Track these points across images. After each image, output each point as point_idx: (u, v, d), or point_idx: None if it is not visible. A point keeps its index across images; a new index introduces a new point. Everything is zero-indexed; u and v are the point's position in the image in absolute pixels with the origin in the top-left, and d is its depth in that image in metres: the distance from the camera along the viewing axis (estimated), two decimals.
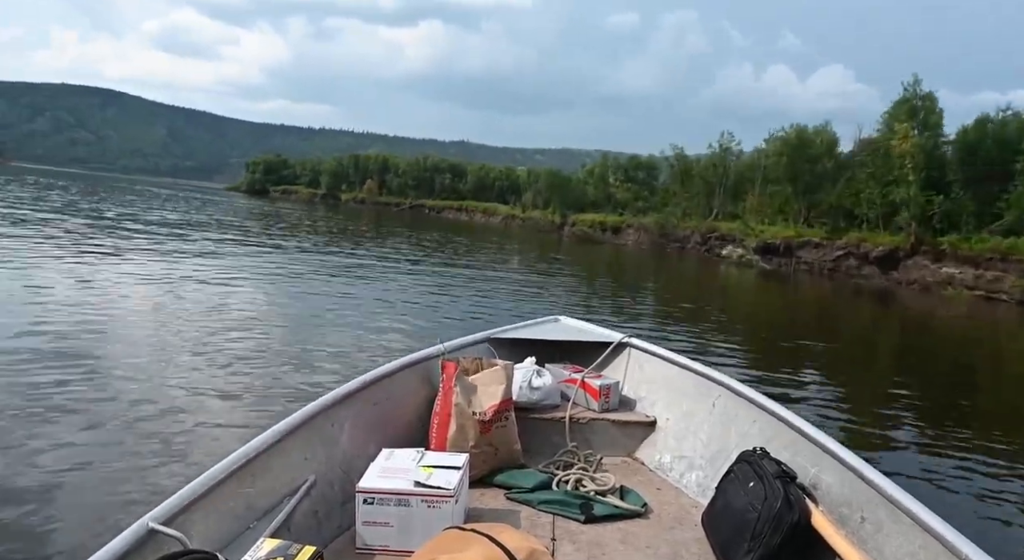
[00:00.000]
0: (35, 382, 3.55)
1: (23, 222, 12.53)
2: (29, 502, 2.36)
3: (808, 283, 20.61)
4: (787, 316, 12.22)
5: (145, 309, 5.89)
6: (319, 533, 1.43)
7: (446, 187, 66.82)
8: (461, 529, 1.24)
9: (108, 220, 15.94)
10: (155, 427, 3.14)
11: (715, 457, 1.78)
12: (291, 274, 9.41)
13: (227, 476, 1.25)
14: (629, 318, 8.24)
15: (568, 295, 10.61)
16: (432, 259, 14.23)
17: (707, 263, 25.96)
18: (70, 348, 4.30)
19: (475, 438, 1.73)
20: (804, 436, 1.58)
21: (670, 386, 2.10)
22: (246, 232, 17.16)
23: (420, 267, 12.22)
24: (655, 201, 39.42)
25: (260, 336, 5.31)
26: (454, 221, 50.22)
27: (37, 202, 19.55)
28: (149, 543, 1.02)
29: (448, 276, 11.07)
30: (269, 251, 12.80)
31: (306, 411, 1.54)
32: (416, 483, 1.43)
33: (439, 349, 2.03)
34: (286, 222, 25.52)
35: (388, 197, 72.14)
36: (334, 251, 14.35)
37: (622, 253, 28.35)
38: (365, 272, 10.61)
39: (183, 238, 13.38)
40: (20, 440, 2.83)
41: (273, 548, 1.06)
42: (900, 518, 1.29)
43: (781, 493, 1.42)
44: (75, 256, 8.63)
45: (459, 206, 61.14)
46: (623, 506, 1.63)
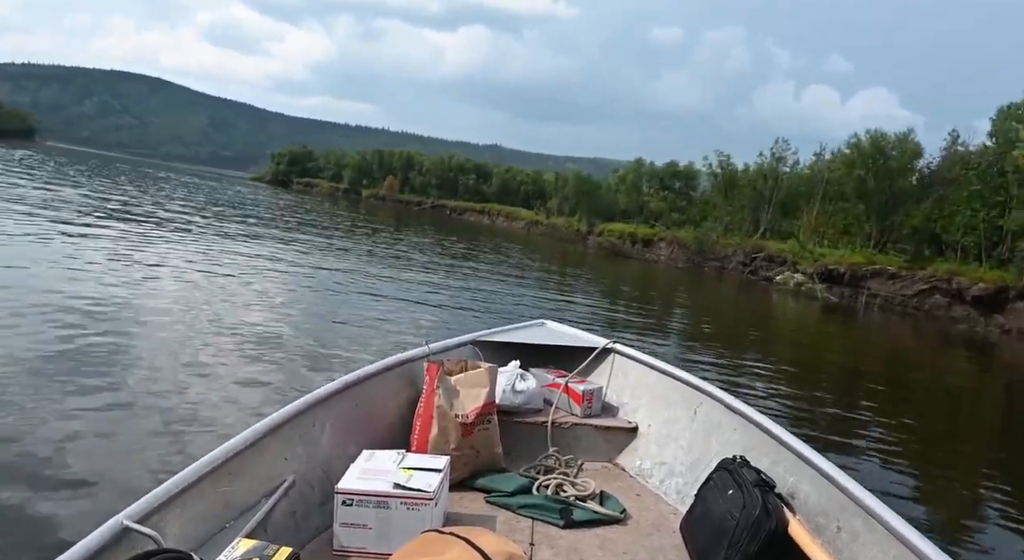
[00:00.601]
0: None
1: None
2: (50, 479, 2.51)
3: (882, 323, 17.96)
4: (857, 366, 10.04)
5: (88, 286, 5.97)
6: (296, 534, 1.45)
7: (469, 188, 67.85)
8: (440, 532, 1.27)
9: (96, 200, 16.36)
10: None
11: (695, 464, 1.84)
12: (279, 268, 9.46)
13: (204, 475, 1.24)
14: (673, 358, 6.81)
15: (590, 323, 8.94)
16: (441, 268, 13.30)
17: (753, 288, 23.93)
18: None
19: (457, 440, 1.77)
20: (784, 445, 1.63)
21: (653, 392, 2.14)
22: (244, 221, 17.67)
23: (423, 276, 11.43)
24: (693, 213, 34.73)
25: (256, 326, 5.54)
26: (474, 224, 50.06)
27: (40, 180, 20.13)
28: (123, 541, 1.04)
29: (452, 290, 10.19)
30: (261, 242, 12.83)
31: (287, 410, 1.55)
32: (396, 485, 1.47)
33: (423, 350, 2.05)
34: (294, 214, 25.22)
35: (410, 195, 73.15)
36: (331, 247, 14.12)
37: (654, 271, 26.46)
38: (355, 275, 10.17)
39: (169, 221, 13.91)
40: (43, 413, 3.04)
41: (249, 549, 1.07)
42: (875, 528, 1.34)
43: (759, 501, 1.47)
44: (42, 230, 9.06)
45: (481, 209, 60.90)
46: (602, 512, 1.68)
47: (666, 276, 23.67)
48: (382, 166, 76.62)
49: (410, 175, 73.22)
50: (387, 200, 70.27)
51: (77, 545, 0.98)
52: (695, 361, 7.16)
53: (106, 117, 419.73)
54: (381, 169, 76.33)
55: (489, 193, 65.23)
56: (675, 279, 22.74)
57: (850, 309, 19.98)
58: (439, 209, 64.00)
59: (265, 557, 1.05)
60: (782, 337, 11.80)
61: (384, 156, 77.88)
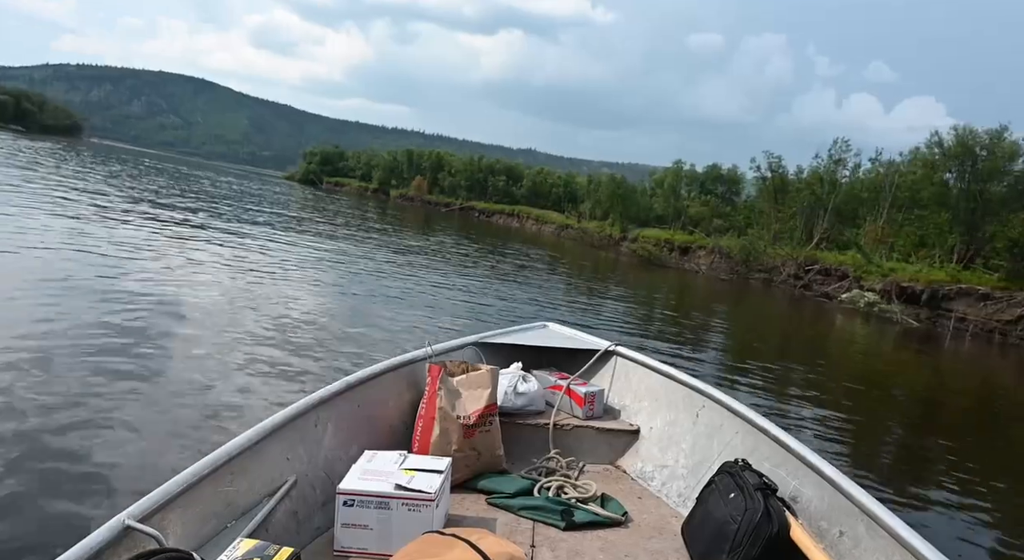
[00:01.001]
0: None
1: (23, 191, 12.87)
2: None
3: (974, 353, 15.18)
4: (945, 407, 8.13)
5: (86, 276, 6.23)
6: (297, 534, 1.51)
7: (499, 190, 67.09)
8: (441, 533, 1.31)
9: (119, 194, 16.71)
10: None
11: (697, 467, 1.89)
12: (300, 264, 9.66)
13: (206, 475, 1.27)
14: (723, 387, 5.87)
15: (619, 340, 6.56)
16: (460, 272, 12.58)
17: (809, 305, 21.21)
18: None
19: (458, 442, 1.84)
20: (786, 449, 1.67)
21: (655, 395, 2.20)
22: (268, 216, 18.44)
23: (438, 279, 10.73)
24: (737, 220, 31.46)
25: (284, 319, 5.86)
26: (503, 227, 49.89)
27: (75, 175, 20.54)
28: (124, 540, 1.07)
29: (468, 296, 9.51)
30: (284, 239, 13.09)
31: (289, 411, 1.61)
32: (397, 486, 1.52)
33: (426, 352, 2.12)
34: (319, 213, 25.00)
35: (439, 196, 72.51)
36: (352, 248, 13.66)
37: (693, 282, 24.45)
38: (370, 275, 9.90)
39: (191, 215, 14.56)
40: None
41: (250, 549, 1.09)
42: (878, 533, 1.38)
43: (761, 505, 1.51)
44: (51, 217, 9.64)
45: (511, 211, 59.80)
46: (603, 514, 1.73)
47: (707, 288, 22.04)
48: (411, 166, 75.18)
49: (439, 176, 71.55)
50: (415, 201, 71.29)
51: (79, 544, 1.01)
52: (751, 393, 6.35)
53: (153, 117, 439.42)
54: (411, 169, 74.98)
55: (519, 195, 63.65)
56: (718, 292, 21.05)
57: (933, 336, 16.81)
58: (467, 211, 63.88)
59: (266, 557, 1.07)
60: (852, 367, 10.29)
61: (414, 156, 76.43)
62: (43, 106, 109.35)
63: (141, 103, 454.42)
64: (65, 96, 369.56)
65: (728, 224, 34.66)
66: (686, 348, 8.37)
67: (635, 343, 7.96)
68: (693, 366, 7.26)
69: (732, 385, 6.56)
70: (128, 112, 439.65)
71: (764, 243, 28.62)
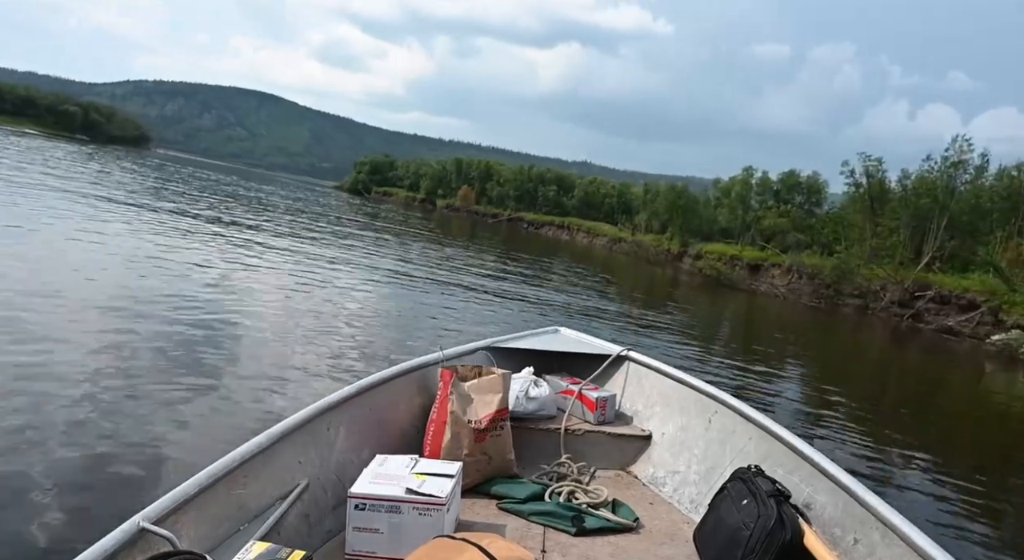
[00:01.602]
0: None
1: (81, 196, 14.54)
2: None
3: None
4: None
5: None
6: (309, 538, 1.59)
7: (549, 200, 66.26)
8: (451, 538, 1.37)
9: (167, 197, 19.16)
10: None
11: (709, 473, 1.96)
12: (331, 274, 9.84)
13: (220, 478, 1.34)
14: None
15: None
16: (500, 289, 11.59)
17: (924, 343, 16.23)
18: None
19: (469, 446, 1.93)
20: (799, 455, 1.73)
21: (667, 400, 2.26)
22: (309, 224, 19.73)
23: (474, 298, 10.14)
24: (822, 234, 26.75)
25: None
26: (552, 240, 48.24)
27: (123, 182, 22.16)
28: (139, 542, 1.11)
29: (505, 316, 9.10)
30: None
31: (302, 414, 1.70)
32: (408, 490, 1.60)
33: (437, 356, 2.23)
34: (359, 221, 24.91)
35: (486, 206, 72.08)
36: (392, 262, 13.19)
37: (770, 306, 20.85)
38: (407, 291, 9.70)
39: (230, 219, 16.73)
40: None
41: (262, 552, 1.13)
42: (893, 541, 1.42)
43: (774, 512, 1.54)
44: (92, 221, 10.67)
45: (560, 223, 58.09)
46: (614, 520, 1.80)
47: (790, 316, 19.02)
48: (460, 176, 73.02)
49: (487, 186, 68.82)
50: (461, 211, 73.07)
51: (94, 545, 1.05)
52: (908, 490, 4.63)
53: (221, 130, 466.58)
54: (459, 179, 72.87)
55: (570, 206, 61.22)
56: (804, 321, 17.94)
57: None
58: (515, 222, 64.13)
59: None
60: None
61: (462, 165, 74.51)
62: (111, 117, 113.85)
63: (211, 116, 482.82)
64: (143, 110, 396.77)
65: (810, 239, 29.93)
66: (786, 406, 6.57)
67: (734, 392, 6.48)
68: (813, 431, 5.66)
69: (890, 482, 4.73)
70: (199, 125, 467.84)
71: (859, 262, 23.89)
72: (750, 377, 7.62)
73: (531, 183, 68.93)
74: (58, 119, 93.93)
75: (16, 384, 3.35)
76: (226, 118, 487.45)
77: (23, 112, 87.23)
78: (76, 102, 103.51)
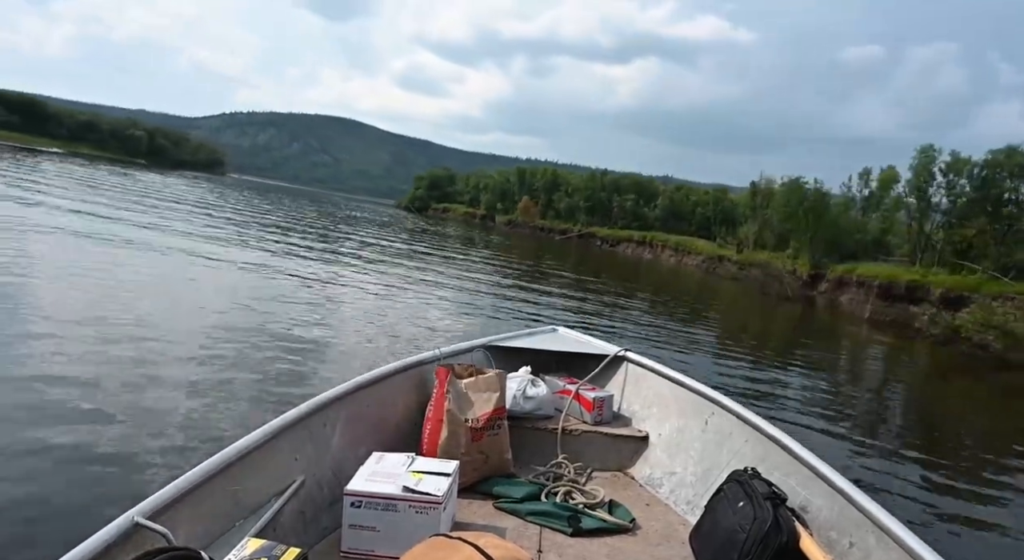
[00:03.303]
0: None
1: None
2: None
3: None
4: None
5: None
6: (305, 534, 1.56)
7: (627, 212, 49.25)
8: (447, 536, 1.32)
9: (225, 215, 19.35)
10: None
11: (706, 475, 1.93)
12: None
13: (215, 473, 1.31)
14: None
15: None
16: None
17: None
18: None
19: (466, 445, 1.88)
20: (796, 458, 1.71)
21: (664, 401, 2.23)
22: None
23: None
24: None
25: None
26: (632, 259, 38.43)
27: (184, 202, 22.23)
28: (133, 537, 1.10)
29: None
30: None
31: (299, 411, 1.66)
32: (405, 488, 1.56)
33: (435, 354, 2.18)
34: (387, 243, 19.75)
35: (553, 221, 61.77)
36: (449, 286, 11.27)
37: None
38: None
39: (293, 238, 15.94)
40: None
41: (257, 548, 1.10)
42: (888, 545, 1.40)
43: (770, 514, 1.51)
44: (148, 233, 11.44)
45: (641, 238, 47.84)
46: (611, 520, 1.77)
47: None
48: (523, 188, 63.92)
49: (554, 197, 59.31)
50: (524, 227, 58.96)
51: (89, 540, 1.03)
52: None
53: (307, 156, 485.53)
54: (523, 191, 63.66)
55: (652, 218, 50.13)
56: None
57: None
58: (587, 239, 53.74)
59: (273, 557, 1.08)
60: None
61: (526, 176, 65.01)
62: (180, 143, 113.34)
63: (299, 144, 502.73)
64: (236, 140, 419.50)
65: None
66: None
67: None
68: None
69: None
70: (287, 153, 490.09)
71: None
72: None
73: (604, 192, 59.06)
74: (123, 144, 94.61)
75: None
76: (311, 145, 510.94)
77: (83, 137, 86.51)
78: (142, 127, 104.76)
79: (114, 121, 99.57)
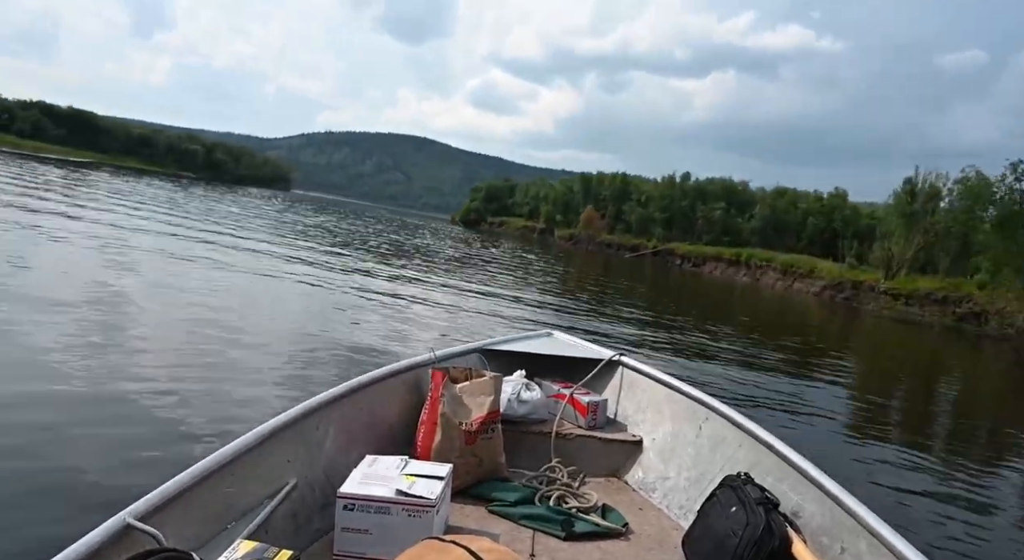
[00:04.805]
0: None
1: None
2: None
3: None
4: None
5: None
6: (297, 537, 1.55)
7: (715, 223, 39.10)
8: (440, 540, 1.32)
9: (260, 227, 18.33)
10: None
11: (699, 480, 1.93)
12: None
13: (207, 475, 1.30)
14: None
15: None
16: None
17: None
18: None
19: (460, 448, 1.87)
20: (789, 463, 1.70)
21: (658, 406, 2.23)
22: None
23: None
24: None
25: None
26: (722, 284, 28.96)
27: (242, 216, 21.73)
28: (124, 539, 1.09)
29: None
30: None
31: (292, 413, 1.65)
32: (398, 491, 1.56)
33: (429, 357, 2.16)
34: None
35: (622, 236, 51.08)
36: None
37: None
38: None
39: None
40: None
41: (249, 551, 1.10)
42: (880, 551, 1.40)
43: (763, 520, 1.52)
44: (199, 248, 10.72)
45: (735, 257, 37.54)
46: (604, 525, 1.77)
47: None
48: (588, 198, 55.05)
49: (624, 207, 50.21)
50: (586, 242, 52.68)
51: (79, 541, 1.03)
52: None
53: (380, 174, 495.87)
54: (587, 201, 54.79)
55: (747, 230, 39.48)
56: None
57: None
58: (664, 257, 43.67)
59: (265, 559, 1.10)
60: None
61: (591, 184, 56.06)
62: (241, 158, 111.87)
63: (372, 162, 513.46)
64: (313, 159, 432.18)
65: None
66: None
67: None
68: None
69: None
70: (361, 170, 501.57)
71: None
72: None
73: (686, 201, 49.32)
74: (179, 158, 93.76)
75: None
76: (384, 163, 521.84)
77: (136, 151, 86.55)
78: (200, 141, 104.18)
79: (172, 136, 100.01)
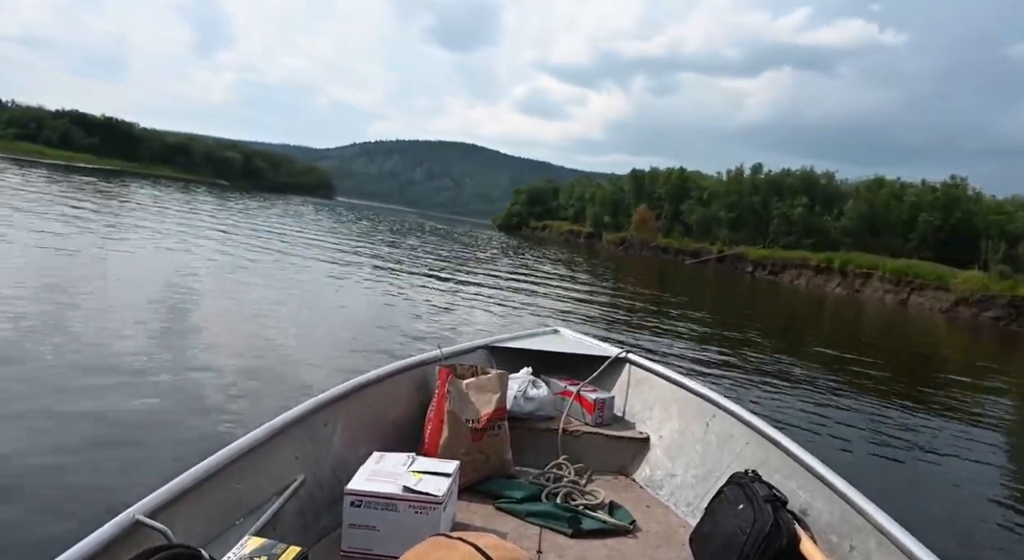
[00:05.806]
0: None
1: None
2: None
3: None
4: None
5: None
6: (305, 534, 1.56)
7: (794, 223, 39.15)
8: (447, 536, 1.33)
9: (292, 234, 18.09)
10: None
11: (706, 477, 1.92)
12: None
13: (215, 471, 1.32)
14: None
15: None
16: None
17: None
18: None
19: (467, 445, 1.88)
20: (797, 461, 1.69)
21: (665, 403, 2.22)
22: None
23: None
24: None
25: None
26: (809, 297, 24.01)
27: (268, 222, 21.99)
28: (133, 535, 1.10)
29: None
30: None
31: (300, 409, 1.66)
32: (405, 488, 1.56)
33: (436, 354, 2.17)
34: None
35: (681, 239, 44.94)
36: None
37: None
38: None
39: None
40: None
41: (257, 547, 1.11)
42: (890, 549, 1.38)
43: (771, 517, 1.51)
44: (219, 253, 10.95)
45: (823, 263, 31.06)
46: (611, 522, 1.77)
47: None
48: (640, 197, 48.95)
49: (683, 206, 43.87)
50: (639, 246, 45.90)
51: (88, 537, 1.04)
52: None
53: (430, 181, 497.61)
54: (639, 201, 48.74)
55: (835, 230, 32.55)
56: None
57: None
58: (732, 263, 37.54)
59: (273, 556, 1.08)
60: None
61: (644, 181, 49.92)
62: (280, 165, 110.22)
63: (422, 170, 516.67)
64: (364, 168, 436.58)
65: None
66: None
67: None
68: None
69: None
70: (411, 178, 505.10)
71: None
72: None
73: (757, 196, 42.45)
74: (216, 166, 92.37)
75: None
76: (434, 170, 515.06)
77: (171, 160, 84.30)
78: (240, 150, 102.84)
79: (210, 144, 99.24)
